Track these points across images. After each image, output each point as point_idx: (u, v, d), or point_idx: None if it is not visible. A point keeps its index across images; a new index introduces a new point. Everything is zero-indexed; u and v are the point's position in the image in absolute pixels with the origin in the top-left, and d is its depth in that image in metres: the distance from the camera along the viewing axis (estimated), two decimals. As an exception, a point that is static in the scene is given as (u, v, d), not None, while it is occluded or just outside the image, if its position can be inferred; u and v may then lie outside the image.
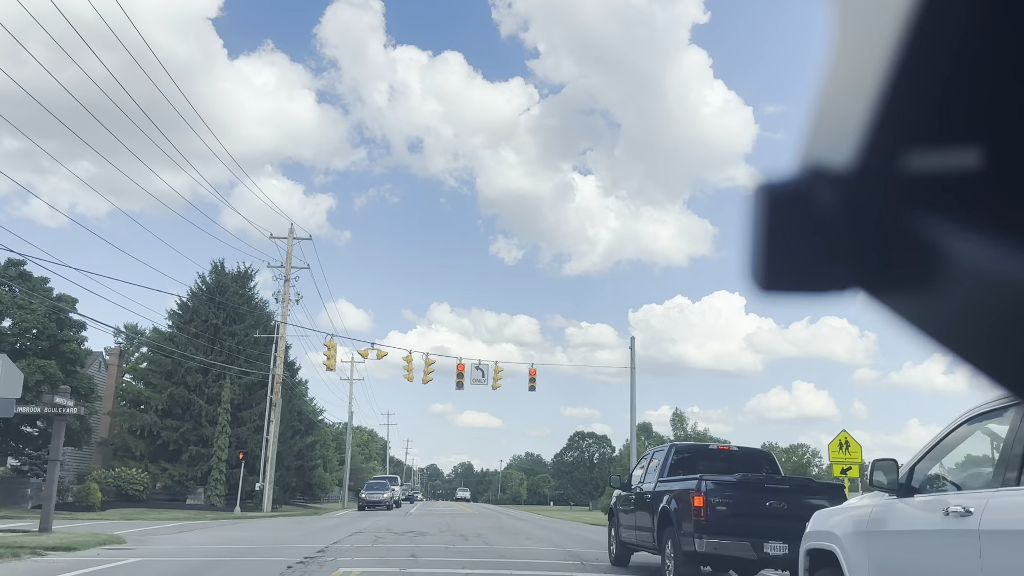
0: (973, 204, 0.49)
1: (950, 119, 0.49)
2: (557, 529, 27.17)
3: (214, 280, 45.60)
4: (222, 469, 40.70)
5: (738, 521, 9.43)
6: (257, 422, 42.93)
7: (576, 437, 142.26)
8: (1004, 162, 0.48)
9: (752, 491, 9.72)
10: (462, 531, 22.13)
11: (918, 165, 0.51)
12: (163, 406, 42.22)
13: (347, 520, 29.85)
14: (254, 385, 43.82)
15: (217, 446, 40.97)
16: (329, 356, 27.85)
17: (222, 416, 41.41)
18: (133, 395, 42.23)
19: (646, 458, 12.94)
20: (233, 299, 44.90)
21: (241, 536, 19.07)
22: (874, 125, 0.51)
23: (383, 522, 26.82)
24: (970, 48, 0.47)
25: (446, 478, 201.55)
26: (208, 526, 24.62)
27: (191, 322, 43.84)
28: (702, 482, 9.63)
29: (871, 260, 0.54)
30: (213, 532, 20.88)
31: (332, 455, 73.24)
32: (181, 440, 41.99)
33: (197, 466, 41.67)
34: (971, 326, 0.49)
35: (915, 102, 0.49)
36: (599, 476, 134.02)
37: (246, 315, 45.19)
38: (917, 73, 0.48)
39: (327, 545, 15.65)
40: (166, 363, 43.09)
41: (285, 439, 46.90)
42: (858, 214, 0.54)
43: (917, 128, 0.50)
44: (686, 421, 65.99)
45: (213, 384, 42.83)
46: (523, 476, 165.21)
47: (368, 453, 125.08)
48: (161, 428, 41.69)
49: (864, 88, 0.51)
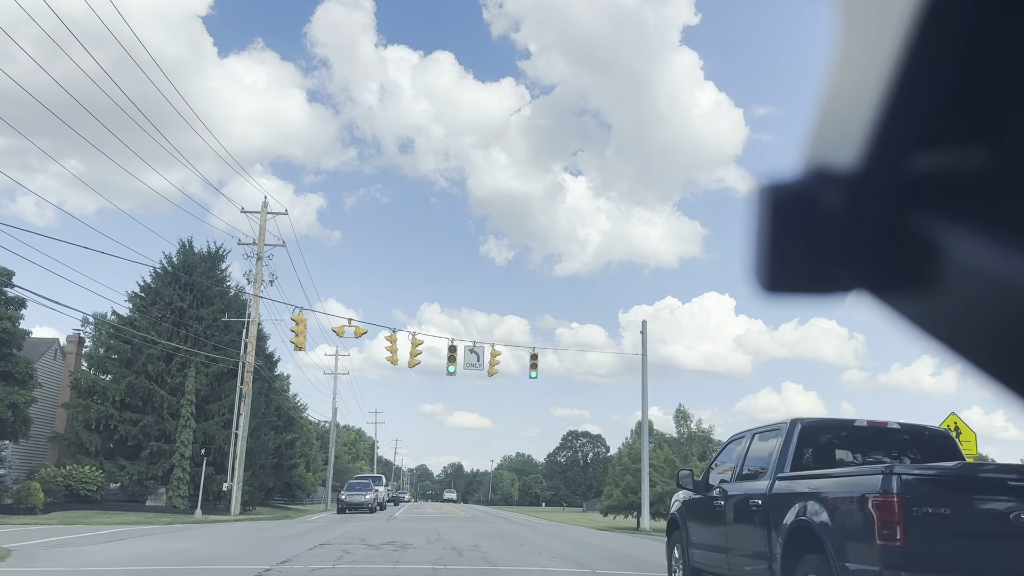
0: (979, 205, 0.49)
1: (955, 120, 0.49)
2: (567, 537, 23.07)
3: (181, 260, 41.29)
4: (185, 467, 36.39)
5: (964, 546, 5.34)
6: (226, 416, 38.69)
7: (569, 436, 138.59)
8: (1009, 163, 0.47)
9: (985, 493, 5.64)
10: (455, 542, 18.00)
11: (923, 166, 0.50)
12: (121, 397, 37.90)
13: (320, 525, 25.67)
14: (223, 375, 39.57)
15: (180, 441, 36.67)
16: (297, 332, 23.59)
17: (185, 408, 37.09)
18: (88, 384, 37.83)
19: (739, 442, 8.95)
20: (201, 280, 40.60)
21: (176, 549, 14.90)
22: (879, 126, 0.50)
23: (360, 529, 22.64)
24: (975, 48, 0.46)
25: (436, 479, 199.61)
26: (151, 533, 20.48)
27: (154, 304, 39.54)
28: (893, 478, 5.41)
29: (876, 261, 0.53)
30: (146, 543, 16.73)
31: (317, 454, 69.15)
32: (141, 435, 37.68)
33: (158, 464, 37.36)
34: (976, 327, 0.49)
35: (920, 103, 0.49)
36: (593, 476, 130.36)
37: (215, 298, 40.90)
38: (922, 74, 0.48)
39: (271, 566, 11.49)
40: (125, 350, 38.78)
41: (259, 435, 42.69)
42: (863, 215, 0.53)
43: (922, 129, 0.50)
44: (690, 418, 61.77)
45: (177, 373, 38.54)
46: (514, 476, 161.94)
47: (355, 452, 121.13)
48: (119, 421, 37.38)
49: (869, 88, 0.50)
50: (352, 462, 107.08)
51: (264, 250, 37.93)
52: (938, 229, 0.50)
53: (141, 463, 37.41)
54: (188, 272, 40.53)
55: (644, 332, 33.02)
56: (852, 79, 0.53)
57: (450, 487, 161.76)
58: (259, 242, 37.93)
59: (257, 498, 44.30)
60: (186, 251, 41.76)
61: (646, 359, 32.60)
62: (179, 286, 40.24)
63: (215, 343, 39.33)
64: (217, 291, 41.54)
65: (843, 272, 0.54)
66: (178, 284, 40.32)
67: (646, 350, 32.69)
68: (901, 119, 0.50)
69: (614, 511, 61.40)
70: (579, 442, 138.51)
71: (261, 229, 38.00)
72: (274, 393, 51.11)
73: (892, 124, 0.50)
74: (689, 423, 65.13)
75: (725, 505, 8.35)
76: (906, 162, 0.51)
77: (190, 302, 39.87)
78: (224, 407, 39.09)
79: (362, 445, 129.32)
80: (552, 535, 23.74)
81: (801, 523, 6.46)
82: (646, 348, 32.70)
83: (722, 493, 8.54)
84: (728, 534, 8.21)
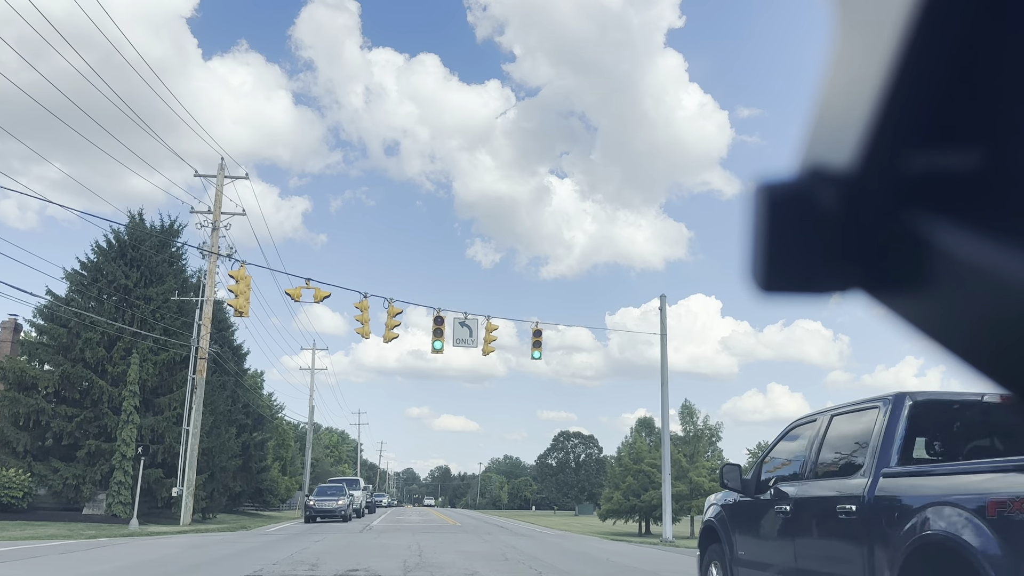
0: (974, 205, 0.49)
1: (951, 120, 0.49)
2: (586, 554, 18.11)
3: (129, 234, 36.03)
4: (128, 470, 31.17)
5: None
6: (178, 411, 33.52)
7: (560, 437, 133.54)
8: (1004, 163, 0.48)
9: None
10: (444, 567, 13.01)
11: (919, 166, 0.50)
12: (55, 388, 32.72)
13: (274, 540, 20.61)
14: (176, 364, 34.41)
15: (121, 440, 31.46)
16: (238, 293, 18.32)
17: (128, 401, 31.89)
18: (16, 374, 32.54)
19: (807, 426, 6.99)
20: (150, 255, 35.38)
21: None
22: (875, 125, 0.50)
23: (320, 546, 17.58)
24: (971, 48, 0.46)
25: (423, 482, 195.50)
26: (44, 554, 15.51)
27: (95, 282, 34.31)
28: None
29: (872, 261, 0.53)
30: (21, 569, 11.73)
31: (295, 456, 64.18)
32: (78, 432, 32.49)
33: (97, 466, 32.19)
34: (971, 326, 0.49)
35: (916, 103, 0.49)
36: (585, 479, 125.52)
37: (167, 276, 35.68)
38: (918, 73, 0.48)
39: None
40: (61, 334, 33.56)
41: (219, 433, 37.49)
42: (859, 215, 0.53)
43: (918, 129, 0.50)
44: (696, 415, 57.03)
45: (120, 361, 33.34)
46: (503, 479, 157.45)
47: (338, 455, 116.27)
48: (51, 417, 32.19)
49: (864, 88, 0.50)
50: (335, 465, 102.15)
51: (221, 219, 32.80)
52: (933, 229, 0.50)
53: (77, 465, 32.22)
54: (135, 247, 35.35)
55: (663, 308, 28.17)
56: (847, 79, 0.53)
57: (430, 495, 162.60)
58: (215, 209, 32.78)
59: (219, 504, 39.13)
60: (136, 224, 36.53)
61: (665, 339, 27.75)
62: (125, 262, 35.05)
63: (166, 326, 34.16)
64: (170, 270, 36.35)
65: (839, 271, 0.54)
66: (124, 260, 35.13)
67: (665, 328, 27.84)
68: (897, 119, 0.49)
69: (614, 515, 56.38)
70: (570, 443, 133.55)
71: (217, 195, 32.86)
72: (242, 389, 45.99)
73: (888, 124, 0.50)
74: (695, 420, 60.35)
75: (792, 511, 6.59)
76: (902, 162, 0.50)
77: (136, 280, 34.68)
78: (176, 400, 33.93)
79: (345, 448, 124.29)
80: (566, 551, 18.76)
81: (936, 539, 4.62)
82: (665, 326, 27.85)
83: (783, 496, 6.79)
84: (797, 552, 6.45)
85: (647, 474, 50.91)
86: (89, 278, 34.57)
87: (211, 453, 35.64)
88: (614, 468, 60.33)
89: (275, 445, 57.01)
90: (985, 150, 0.48)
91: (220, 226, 32.69)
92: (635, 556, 18.42)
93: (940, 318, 0.50)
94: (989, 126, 0.48)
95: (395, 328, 20.25)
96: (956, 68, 0.47)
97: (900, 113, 0.49)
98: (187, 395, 31.94)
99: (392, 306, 20.23)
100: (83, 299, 33.96)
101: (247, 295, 17.87)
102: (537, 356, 23.81)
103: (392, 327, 20.19)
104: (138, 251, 35.27)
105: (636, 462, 53.81)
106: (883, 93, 0.49)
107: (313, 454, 70.43)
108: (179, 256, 37.51)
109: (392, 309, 20.22)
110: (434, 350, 21.04)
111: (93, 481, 32.14)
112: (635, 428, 66.25)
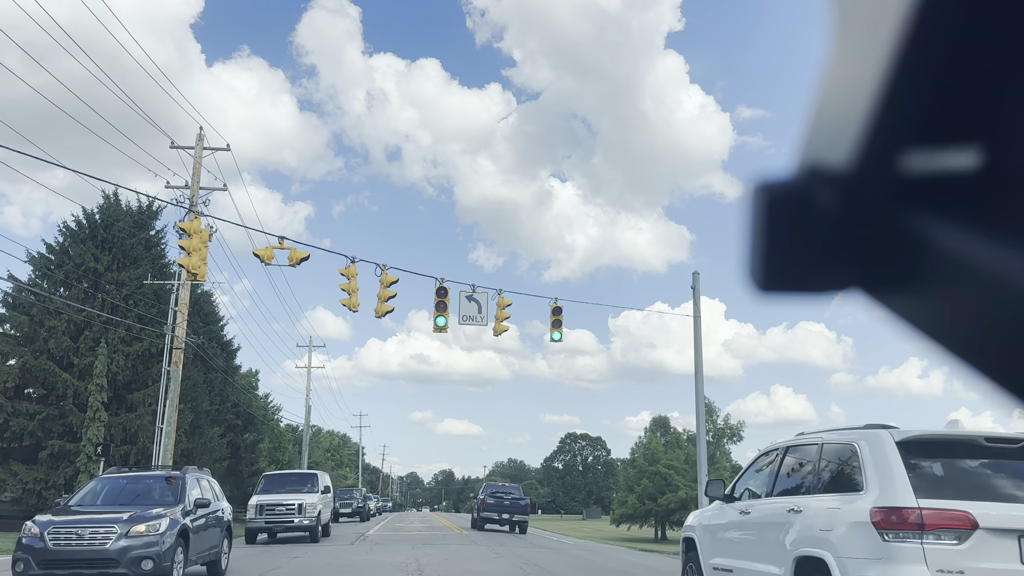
0: (971, 204, 0.49)
1: (949, 119, 0.49)
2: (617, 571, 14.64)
3: (102, 215, 32.71)
4: (93, 472, 27.72)
5: None
6: (154, 407, 30.09)
7: (567, 439, 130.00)
8: (1002, 162, 0.48)
9: None
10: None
11: (917, 165, 0.50)
12: (14, 383, 29.37)
13: (252, 555, 17.19)
14: (151, 356, 31.06)
15: (87, 439, 28.11)
16: (190, 250, 14.94)
17: (95, 396, 28.54)
18: (-28, 368, 29.22)
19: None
20: (122, 237, 32.05)
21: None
22: (872, 125, 0.50)
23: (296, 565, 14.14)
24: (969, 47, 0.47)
25: (427, 486, 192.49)
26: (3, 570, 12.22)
27: (61, 266, 30.99)
28: None
29: (870, 260, 0.53)
30: None
31: (293, 460, 60.89)
32: (40, 431, 29.13)
33: (61, 468, 28.82)
34: (969, 326, 0.49)
35: (914, 102, 0.49)
36: (593, 481, 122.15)
37: (142, 259, 32.31)
38: (916, 73, 0.48)
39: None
40: (22, 322, 30.25)
41: (202, 433, 34.14)
42: (857, 214, 0.53)
43: (916, 128, 0.50)
44: (716, 413, 53.53)
45: (88, 353, 29.99)
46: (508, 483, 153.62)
47: (339, 459, 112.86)
48: (10, 414, 28.84)
49: (862, 88, 0.50)
50: (336, 469, 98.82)
51: (200, 195, 29.42)
52: (931, 228, 0.50)
53: (39, 468, 28.88)
54: (107, 227, 32.02)
55: (696, 286, 24.84)
56: (845, 79, 0.53)
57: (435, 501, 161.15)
58: (192, 184, 29.34)
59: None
60: (110, 205, 33.21)
61: (699, 322, 24.42)
62: (95, 244, 31.72)
63: (140, 313, 30.82)
64: (147, 254, 32.99)
65: (837, 271, 0.54)
66: (94, 242, 31.81)
67: (699, 310, 24.52)
68: (894, 118, 0.49)
69: (628, 520, 52.77)
70: (577, 445, 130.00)
71: (195, 167, 29.42)
72: (231, 387, 42.68)
73: (886, 123, 0.49)
74: (715, 419, 56.89)
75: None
76: (899, 161, 0.50)
77: (107, 263, 31.32)
78: (151, 397, 30.57)
79: (347, 451, 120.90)
80: (598, 568, 15.30)
81: None
82: (699, 307, 24.54)
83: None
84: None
85: (663, 476, 47.45)
86: (56, 262, 31.26)
87: (192, 454, 32.27)
88: (627, 470, 56.89)
89: (271, 448, 53.71)
90: (983, 149, 0.48)
91: (199, 202, 29.32)
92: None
93: (938, 317, 0.50)
94: (986, 125, 0.48)
95: (389, 300, 16.87)
96: (953, 68, 0.47)
97: (898, 112, 0.49)
98: (161, 389, 28.57)
99: (386, 274, 16.85)
100: (48, 284, 30.67)
101: (203, 254, 14.47)
102: (557, 338, 20.44)
103: (386, 298, 16.81)
104: (110, 232, 31.96)
105: (652, 463, 50.22)
106: (881, 92, 0.49)
107: (313, 457, 67.13)
108: (157, 241, 34.22)
109: (386, 277, 16.85)
110: (436, 327, 17.69)
111: (56, 486, 28.77)
112: (649, 428, 62.73)
